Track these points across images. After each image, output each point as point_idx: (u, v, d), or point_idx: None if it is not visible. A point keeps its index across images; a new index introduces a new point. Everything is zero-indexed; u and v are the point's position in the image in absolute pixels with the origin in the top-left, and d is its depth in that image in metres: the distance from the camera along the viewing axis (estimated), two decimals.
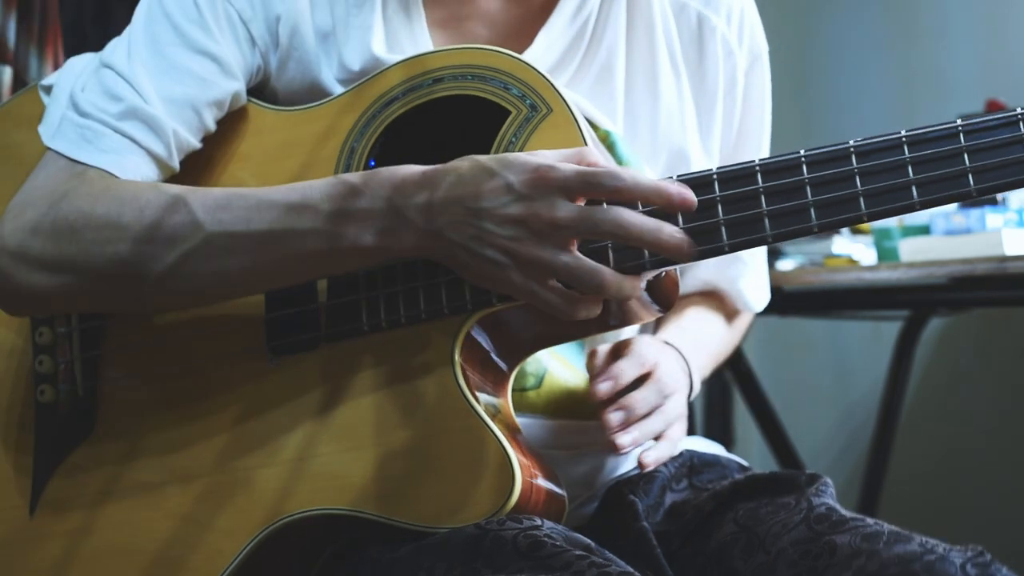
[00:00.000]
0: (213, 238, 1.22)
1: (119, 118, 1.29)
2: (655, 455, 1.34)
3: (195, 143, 1.32)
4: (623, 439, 1.29)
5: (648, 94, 1.42)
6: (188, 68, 1.31)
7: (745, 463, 1.46)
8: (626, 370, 1.32)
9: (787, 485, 1.32)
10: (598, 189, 1.13)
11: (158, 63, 1.32)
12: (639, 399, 1.31)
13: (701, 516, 1.31)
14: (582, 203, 1.14)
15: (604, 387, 1.30)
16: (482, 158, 1.15)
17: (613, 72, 1.40)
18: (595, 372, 1.32)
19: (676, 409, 1.36)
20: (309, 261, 1.21)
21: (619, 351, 1.35)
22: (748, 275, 1.56)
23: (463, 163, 1.16)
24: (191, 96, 1.31)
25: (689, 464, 1.42)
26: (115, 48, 1.35)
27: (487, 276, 1.17)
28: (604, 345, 1.36)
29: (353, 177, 1.20)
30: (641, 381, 1.33)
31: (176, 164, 1.32)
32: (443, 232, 1.15)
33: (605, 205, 1.14)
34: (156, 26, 1.34)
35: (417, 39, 1.36)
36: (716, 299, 1.57)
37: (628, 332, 1.45)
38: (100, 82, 1.32)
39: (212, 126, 1.33)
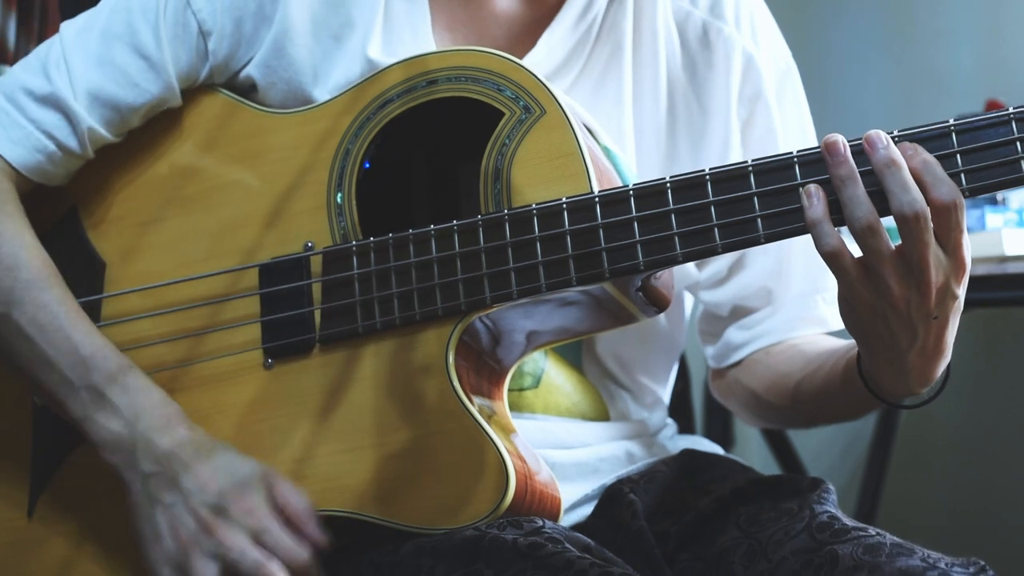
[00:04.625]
0: (11, 324, 1.29)
1: (39, 102, 1.34)
2: None
3: (110, 138, 1.36)
4: None
5: (652, 100, 1.42)
6: (124, 69, 1.34)
7: (745, 463, 1.46)
8: None
9: (789, 490, 1.31)
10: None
11: (100, 53, 1.35)
12: None
13: (702, 519, 1.31)
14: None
15: None
16: (225, 461, 1.23)
17: (621, 77, 1.39)
18: None
19: None
20: (44, 390, 1.29)
21: None
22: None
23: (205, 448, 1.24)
24: (117, 97, 1.34)
25: (689, 464, 1.42)
26: (79, 20, 1.39)
27: (145, 535, 1.24)
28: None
29: (132, 379, 1.27)
30: None
31: (91, 153, 1.36)
32: (148, 482, 1.24)
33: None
34: (116, 15, 1.36)
35: (420, 41, 1.36)
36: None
37: (623, 330, 1.45)
38: (46, 52, 1.37)
39: (135, 124, 1.36)
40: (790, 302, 1.46)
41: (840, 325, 1.30)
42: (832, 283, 1.21)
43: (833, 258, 1.14)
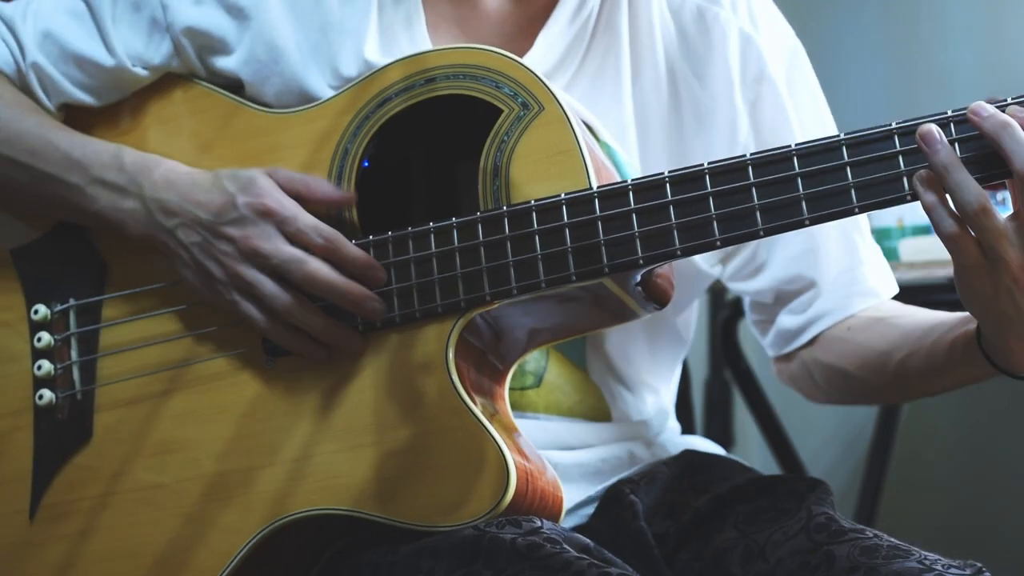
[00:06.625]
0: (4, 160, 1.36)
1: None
2: None
3: (57, 78, 1.39)
4: None
5: (654, 90, 1.42)
6: (80, 23, 1.39)
7: (745, 463, 1.46)
8: None
9: (787, 490, 1.31)
10: (305, 239, 1.25)
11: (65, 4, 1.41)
12: None
13: (700, 518, 1.31)
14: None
15: None
16: (223, 174, 1.28)
17: (619, 70, 1.39)
18: None
19: None
20: (54, 203, 1.36)
21: None
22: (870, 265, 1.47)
23: (207, 176, 1.29)
24: (67, 43, 1.39)
25: (690, 464, 1.42)
26: None
27: (203, 282, 1.28)
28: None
29: (128, 156, 1.33)
30: None
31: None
32: (174, 232, 1.28)
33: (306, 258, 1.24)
34: None
35: (416, 41, 1.36)
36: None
37: (628, 328, 1.45)
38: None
39: (77, 76, 1.39)
40: (832, 282, 1.44)
41: (892, 291, 1.38)
42: (866, 251, 1.20)
43: (953, 241, 1.11)
